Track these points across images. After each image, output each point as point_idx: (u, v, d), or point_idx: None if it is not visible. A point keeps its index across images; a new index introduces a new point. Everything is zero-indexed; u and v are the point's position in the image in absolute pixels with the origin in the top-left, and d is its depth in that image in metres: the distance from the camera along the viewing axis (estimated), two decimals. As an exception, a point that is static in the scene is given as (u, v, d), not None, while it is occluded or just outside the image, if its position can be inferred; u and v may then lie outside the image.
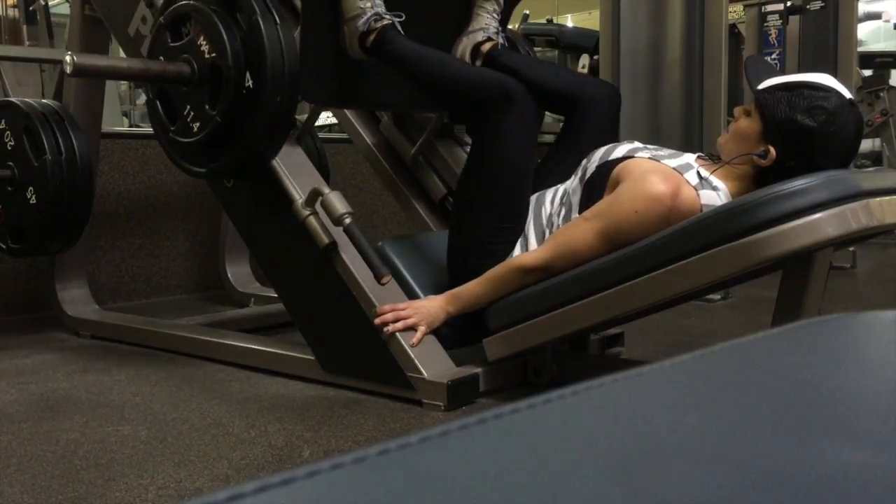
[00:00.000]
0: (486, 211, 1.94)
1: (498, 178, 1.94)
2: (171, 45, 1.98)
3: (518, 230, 1.93)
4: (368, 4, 2.07)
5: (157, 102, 2.05)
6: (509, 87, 1.95)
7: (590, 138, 2.00)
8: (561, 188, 1.93)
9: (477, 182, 1.98)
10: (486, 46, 2.26)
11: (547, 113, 2.35)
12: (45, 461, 1.51)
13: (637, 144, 1.85)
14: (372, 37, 2.07)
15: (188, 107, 1.97)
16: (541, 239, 1.89)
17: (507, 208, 1.94)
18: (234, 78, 1.87)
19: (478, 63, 2.26)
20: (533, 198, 1.96)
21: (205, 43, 1.91)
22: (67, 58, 1.90)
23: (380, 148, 2.54)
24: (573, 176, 1.90)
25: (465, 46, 2.28)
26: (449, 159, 2.52)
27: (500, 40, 2.29)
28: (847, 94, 1.65)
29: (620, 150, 1.82)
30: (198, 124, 1.95)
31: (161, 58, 1.99)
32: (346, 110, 2.66)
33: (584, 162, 1.88)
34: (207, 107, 1.93)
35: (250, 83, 1.88)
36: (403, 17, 2.09)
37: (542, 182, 2.01)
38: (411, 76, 2.10)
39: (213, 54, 1.90)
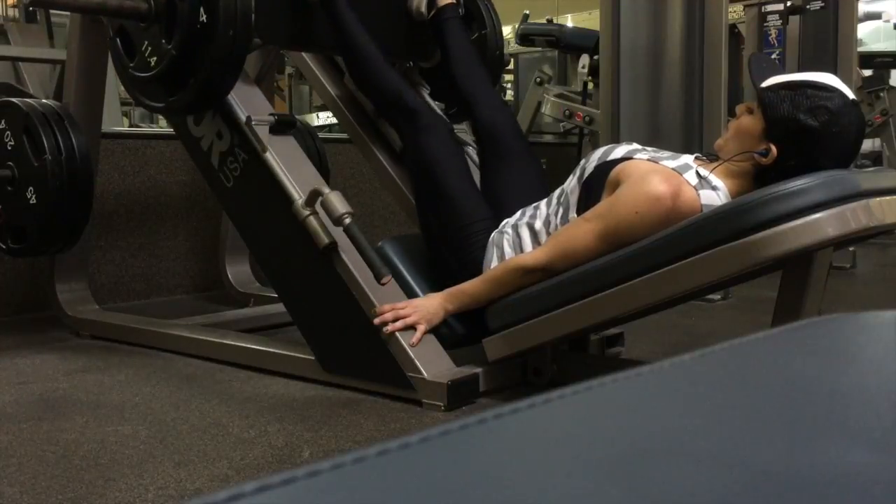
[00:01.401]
0: (442, 215, 2.04)
1: (433, 180, 2.06)
2: None
3: (482, 216, 2.00)
4: None
5: (118, 40, 2.12)
6: (415, 108, 2.14)
7: (505, 151, 2.16)
8: (558, 189, 1.94)
9: (420, 186, 2.12)
10: (443, 1, 2.39)
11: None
12: (45, 461, 1.51)
13: (635, 146, 1.85)
14: None
15: (145, 42, 2.04)
16: (536, 241, 1.89)
17: (459, 207, 2.02)
18: (188, 13, 1.93)
19: (431, 13, 2.39)
20: (530, 208, 1.97)
21: None
22: None
23: (343, 100, 2.55)
24: (571, 175, 1.90)
25: None
26: None
27: None
28: (850, 95, 1.64)
29: (619, 150, 1.82)
30: (155, 59, 2.01)
31: None
32: (309, 63, 2.67)
33: (582, 162, 1.89)
34: (164, 41, 1.98)
35: (204, 17, 1.93)
36: None
37: (495, 194, 2.09)
38: (341, 52, 2.26)
39: None
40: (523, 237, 1.91)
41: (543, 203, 1.94)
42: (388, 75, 2.21)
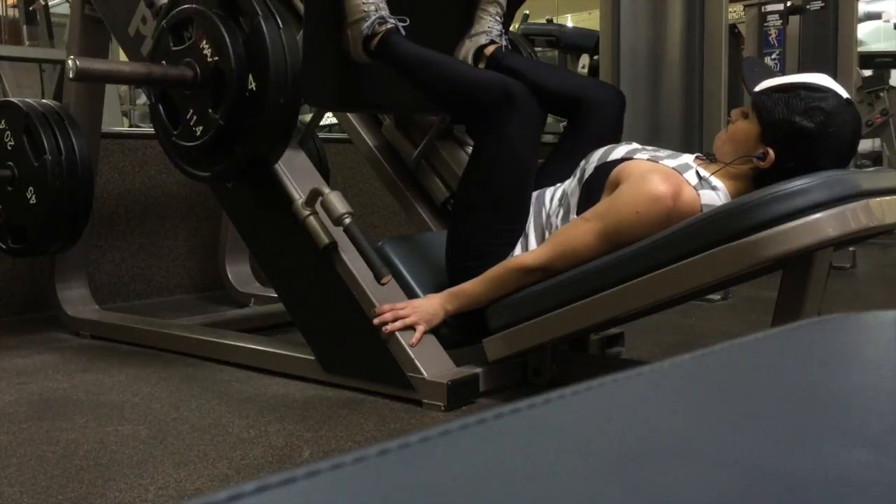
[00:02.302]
0: (488, 212, 1.94)
1: (500, 180, 1.93)
2: (174, 48, 1.98)
3: (518, 231, 1.93)
4: (372, 7, 2.05)
5: (160, 106, 2.05)
6: (512, 89, 1.94)
7: (592, 140, 1.99)
8: (560, 188, 1.93)
9: (479, 183, 1.97)
10: (490, 49, 2.25)
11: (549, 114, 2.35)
12: (45, 461, 1.51)
13: (635, 146, 1.85)
14: (376, 40, 2.06)
15: (191, 110, 1.97)
16: (540, 238, 1.89)
17: (509, 210, 1.93)
18: (236, 81, 1.87)
19: (481, 66, 2.25)
20: (533, 196, 1.96)
21: (207, 46, 1.91)
22: (70, 62, 1.90)
23: (381, 150, 2.54)
24: (572, 176, 1.90)
25: (467, 49, 2.27)
26: (451, 161, 2.51)
27: (503, 43, 2.29)
28: (844, 94, 1.65)
29: (619, 151, 1.82)
30: (201, 128, 1.95)
31: (163, 62, 1.99)
32: (349, 117, 2.66)
33: (582, 163, 1.88)
34: (210, 110, 1.92)
35: (253, 86, 1.87)
36: (407, 22, 2.09)
37: (543, 182, 2.01)
38: (414, 79, 2.09)
39: (216, 57, 1.90)
40: (529, 239, 1.91)
41: (546, 199, 1.93)
42: (482, 70, 2.12)
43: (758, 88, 1.69)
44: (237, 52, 1.88)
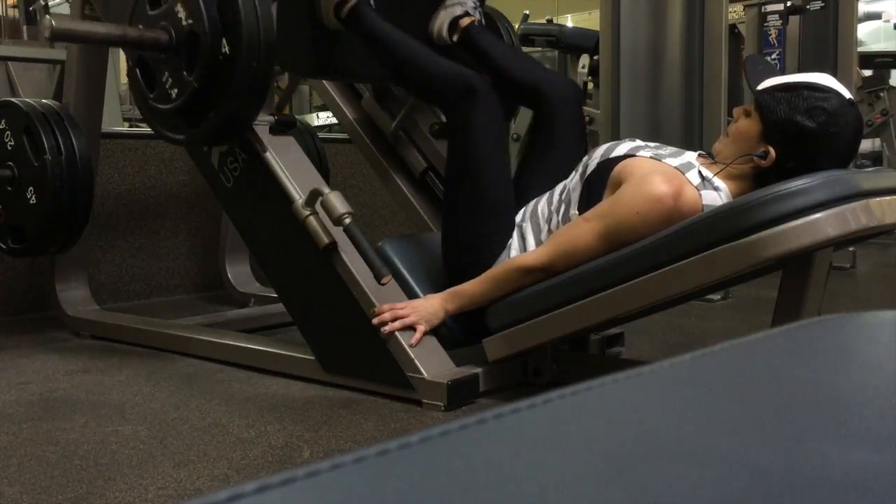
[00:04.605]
0: (472, 208, 1.97)
1: (476, 175, 1.97)
2: (150, 13, 2.01)
3: (508, 225, 1.95)
4: None
5: (137, 70, 2.09)
6: (473, 83, 1.99)
7: (561, 136, 2.06)
8: (560, 186, 1.93)
9: (457, 181, 2.01)
10: (465, 21, 2.33)
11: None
12: (45, 461, 1.51)
13: (638, 143, 1.85)
14: (346, 7, 2.12)
15: (166, 73, 2.01)
16: (539, 238, 1.89)
17: (492, 203, 1.96)
18: (210, 44, 1.90)
19: (455, 38, 2.32)
20: (532, 203, 1.96)
21: (182, 10, 1.94)
22: (46, 21, 1.93)
23: (361, 124, 2.55)
24: (574, 172, 1.89)
25: (442, 20, 2.33)
26: (429, 134, 2.53)
27: (478, 16, 2.35)
28: (847, 95, 1.64)
29: (622, 147, 1.82)
30: (176, 90, 1.98)
31: (140, 26, 2.02)
32: (328, 87, 2.67)
33: (584, 159, 1.88)
34: (185, 73, 1.96)
35: (227, 49, 1.91)
36: None
37: (527, 183, 2.04)
38: (379, 57, 2.15)
39: (190, 21, 1.93)
40: (527, 237, 1.90)
41: (544, 199, 1.93)
42: (443, 60, 2.11)
43: (761, 86, 1.68)
44: (211, 15, 1.90)
